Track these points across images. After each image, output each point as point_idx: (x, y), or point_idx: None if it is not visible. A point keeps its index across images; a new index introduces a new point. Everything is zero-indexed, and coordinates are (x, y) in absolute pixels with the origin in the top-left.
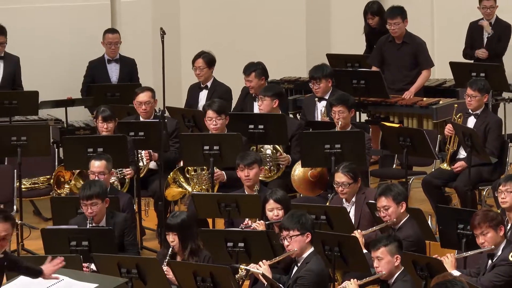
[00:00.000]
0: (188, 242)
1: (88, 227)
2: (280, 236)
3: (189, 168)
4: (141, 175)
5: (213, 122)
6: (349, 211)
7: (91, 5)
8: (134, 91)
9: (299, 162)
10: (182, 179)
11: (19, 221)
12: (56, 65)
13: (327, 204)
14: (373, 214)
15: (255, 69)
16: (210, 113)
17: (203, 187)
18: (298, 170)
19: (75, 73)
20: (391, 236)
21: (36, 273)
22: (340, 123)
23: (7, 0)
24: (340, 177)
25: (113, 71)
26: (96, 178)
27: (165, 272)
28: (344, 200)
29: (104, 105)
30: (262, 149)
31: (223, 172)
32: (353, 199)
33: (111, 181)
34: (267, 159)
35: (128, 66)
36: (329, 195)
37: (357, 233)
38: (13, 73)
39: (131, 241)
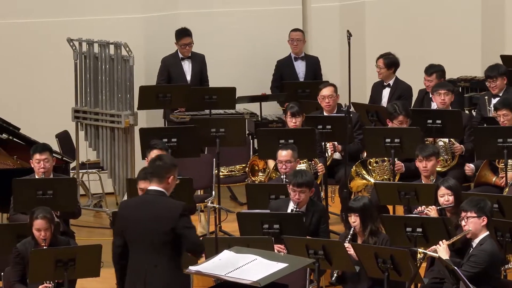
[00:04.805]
0: (368, 223)
1: (290, 210)
2: (455, 219)
3: (370, 160)
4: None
5: (403, 125)
6: None
7: (285, 9)
8: (318, 87)
9: None
10: (364, 172)
11: (217, 205)
12: (253, 64)
13: (504, 193)
14: None
15: (437, 70)
16: (400, 118)
17: (385, 177)
18: None
19: (268, 71)
20: None
21: None
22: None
23: (220, 4)
24: None
25: (300, 68)
26: (284, 166)
27: (347, 248)
28: None
29: (293, 101)
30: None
31: (402, 164)
32: None
33: None
34: (442, 150)
35: (313, 64)
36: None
37: None
38: (200, 70)
39: (324, 229)
